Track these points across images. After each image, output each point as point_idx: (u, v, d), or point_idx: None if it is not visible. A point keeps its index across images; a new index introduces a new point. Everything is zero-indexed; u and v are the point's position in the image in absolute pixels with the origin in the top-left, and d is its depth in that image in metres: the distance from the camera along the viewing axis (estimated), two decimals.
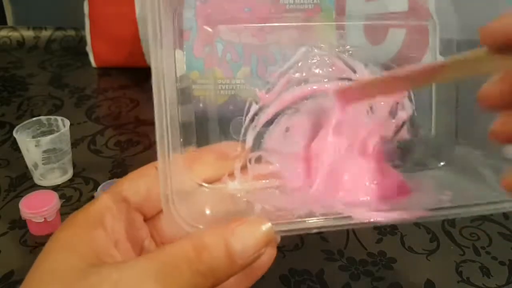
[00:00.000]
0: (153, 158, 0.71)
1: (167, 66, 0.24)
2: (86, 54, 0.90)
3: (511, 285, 0.43)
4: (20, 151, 0.56)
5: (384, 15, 0.37)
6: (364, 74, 0.33)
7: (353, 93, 0.31)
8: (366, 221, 0.26)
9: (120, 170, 0.60)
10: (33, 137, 0.56)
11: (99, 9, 0.84)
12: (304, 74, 0.33)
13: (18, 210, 0.49)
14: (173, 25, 0.33)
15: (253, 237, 0.20)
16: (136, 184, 0.26)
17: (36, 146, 0.54)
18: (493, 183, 0.29)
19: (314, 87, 0.33)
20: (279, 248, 0.47)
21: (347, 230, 0.49)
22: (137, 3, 0.82)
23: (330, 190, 0.31)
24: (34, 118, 0.57)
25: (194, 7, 0.68)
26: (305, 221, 0.26)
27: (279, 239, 0.25)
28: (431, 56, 0.90)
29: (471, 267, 0.45)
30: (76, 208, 0.54)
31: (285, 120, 0.33)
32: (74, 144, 0.65)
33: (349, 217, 0.26)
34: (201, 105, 0.75)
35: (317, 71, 0.33)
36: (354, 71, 0.33)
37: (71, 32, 1.00)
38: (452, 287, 0.43)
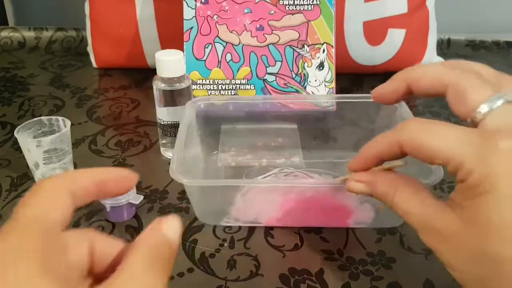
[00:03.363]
0: (153, 158, 0.71)
1: None
2: (87, 55, 0.90)
3: None
4: (21, 151, 0.56)
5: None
6: (318, 178, 0.54)
7: None
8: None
9: None
10: (34, 137, 0.56)
11: (100, 9, 0.85)
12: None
13: None
14: None
15: (176, 227, 0.28)
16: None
17: (37, 146, 0.54)
18: None
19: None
20: (279, 248, 0.48)
21: (347, 230, 0.49)
22: (137, 3, 0.82)
23: None
24: (35, 118, 0.57)
25: (194, 7, 0.69)
26: None
27: None
28: (430, 56, 0.90)
29: None
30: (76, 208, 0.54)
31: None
32: (75, 144, 0.65)
33: None
34: (201, 105, 0.76)
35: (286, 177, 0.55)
36: (312, 177, 0.54)
37: (72, 33, 1.00)
38: (451, 287, 0.43)
